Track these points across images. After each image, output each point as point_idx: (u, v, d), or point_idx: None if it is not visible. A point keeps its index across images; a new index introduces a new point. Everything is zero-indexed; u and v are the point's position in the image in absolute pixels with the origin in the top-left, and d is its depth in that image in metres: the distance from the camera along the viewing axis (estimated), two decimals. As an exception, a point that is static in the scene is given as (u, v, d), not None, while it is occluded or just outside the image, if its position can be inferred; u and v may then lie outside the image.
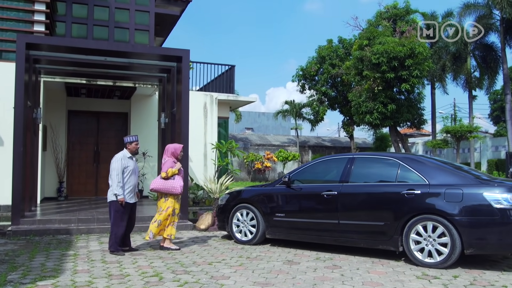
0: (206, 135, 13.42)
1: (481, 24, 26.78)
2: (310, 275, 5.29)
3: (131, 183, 6.58)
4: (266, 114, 56.55)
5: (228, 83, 14.76)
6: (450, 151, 29.34)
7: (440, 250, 5.57)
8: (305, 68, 28.32)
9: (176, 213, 6.83)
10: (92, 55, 9.36)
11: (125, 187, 6.50)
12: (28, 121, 8.95)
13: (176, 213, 6.83)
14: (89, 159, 13.53)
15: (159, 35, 16.04)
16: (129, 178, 6.55)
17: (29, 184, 9.18)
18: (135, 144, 6.71)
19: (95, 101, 13.63)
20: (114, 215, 6.49)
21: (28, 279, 5.01)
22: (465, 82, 28.69)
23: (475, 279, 5.15)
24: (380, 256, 6.27)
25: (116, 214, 6.48)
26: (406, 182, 6.05)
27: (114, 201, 6.46)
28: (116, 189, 6.41)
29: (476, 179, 5.87)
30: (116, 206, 6.47)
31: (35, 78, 9.77)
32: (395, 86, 20.13)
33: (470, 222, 5.44)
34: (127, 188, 6.53)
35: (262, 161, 27.31)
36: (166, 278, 5.12)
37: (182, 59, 9.28)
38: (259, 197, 7.31)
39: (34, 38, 9.58)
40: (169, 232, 6.77)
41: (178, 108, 9.46)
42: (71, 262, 5.90)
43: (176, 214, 6.83)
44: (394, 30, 21.84)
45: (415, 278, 5.16)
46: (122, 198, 6.42)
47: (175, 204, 6.80)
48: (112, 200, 6.48)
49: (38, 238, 7.74)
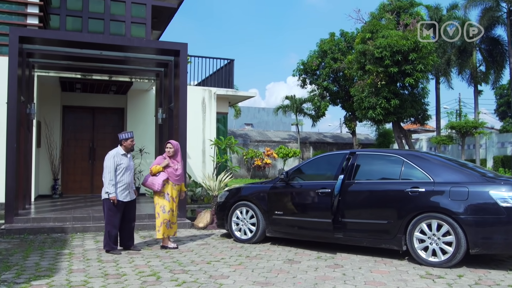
0: (205, 131, 13.41)
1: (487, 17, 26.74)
2: (311, 275, 5.30)
3: (125, 181, 6.56)
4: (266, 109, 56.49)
5: (227, 77, 14.73)
6: (455, 148, 29.35)
7: (444, 249, 5.58)
8: (306, 62, 28.27)
9: (166, 210, 6.81)
10: (87, 49, 9.34)
11: (117, 185, 6.48)
12: (22, 117, 8.94)
13: (166, 210, 6.81)
14: (84, 156, 13.53)
15: (156, 28, 15.99)
16: (122, 176, 6.53)
17: (23, 182, 9.18)
18: (131, 141, 6.69)
19: (91, 96, 13.60)
20: (108, 213, 6.50)
21: (22, 279, 5.01)
22: (471, 77, 28.67)
23: (480, 278, 5.15)
24: (383, 255, 6.27)
25: (109, 213, 6.48)
26: (410, 179, 6.05)
27: (107, 200, 6.46)
28: (107, 187, 6.41)
29: (482, 176, 5.87)
30: (109, 204, 6.47)
31: (28, 72, 9.74)
32: (399, 80, 20.08)
33: (476, 221, 5.44)
34: (120, 186, 6.51)
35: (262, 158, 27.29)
36: (163, 278, 5.12)
37: (180, 53, 9.26)
38: (259, 194, 7.31)
39: (28, 31, 9.56)
40: (163, 231, 6.78)
41: (176, 103, 9.44)
42: (66, 261, 5.90)
43: (166, 212, 6.80)
44: (398, 23, 21.78)
45: (419, 278, 5.16)
46: (113, 197, 6.41)
47: (159, 201, 6.83)
48: (105, 199, 6.49)
49: (32, 236, 7.74)
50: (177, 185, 6.97)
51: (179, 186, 7.05)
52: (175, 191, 6.94)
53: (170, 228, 6.88)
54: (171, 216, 6.86)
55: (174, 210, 6.94)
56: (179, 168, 6.98)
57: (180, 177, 7.01)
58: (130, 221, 6.77)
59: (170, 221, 6.84)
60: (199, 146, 13.20)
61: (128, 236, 6.75)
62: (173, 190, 6.91)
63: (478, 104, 29.26)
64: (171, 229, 6.90)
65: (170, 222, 6.85)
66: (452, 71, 29.06)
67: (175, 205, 6.95)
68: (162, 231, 6.76)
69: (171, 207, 6.85)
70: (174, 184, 6.92)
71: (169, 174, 6.87)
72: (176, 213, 7.01)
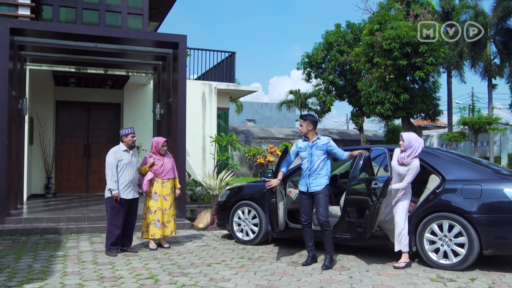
0: (205, 127, 13.41)
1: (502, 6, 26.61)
2: (317, 278, 5.30)
3: (127, 178, 6.60)
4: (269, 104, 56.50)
5: (228, 71, 14.73)
6: (467, 145, 29.27)
7: (456, 251, 5.56)
8: (311, 55, 28.19)
9: (152, 210, 6.85)
10: (82, 41, 9.34)
11: (119, 181, 6.52)
12: (13, 113, 8.96)
13: (152, 211, 6.84)
14: (79, 153, 13.55)
15: (153, 20, 15.96)
16: (123, 172, 6.57)
17: (15, 180, 9.20)
18: (131, 136, 6.74)
19: (85, 91, 13.60)
20: (110, 212, 6.54)
21: (14, 282, 5.03)
22: (484, 70, 28.54)
23: (494, 282, 5.14)
24: (392, 257, 6.26)
25: (112, 212, 6.52)
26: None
27: (110, 198, 6.51)
28: (110, 184, 6.47)
29: (496, 174, 5.85)
30: (112, 202, 6.51)
31: (20, 66, 9.75)
32: (408, 74, 20.02)
33: (489, 221, 5.42)
34: (122, 183, 6.55)
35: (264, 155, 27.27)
36: (162, 281, 5.13)
37: (179, 46, 9.25)
38: (261, 193, 7.28)
39: (19, 22, 9.55)
40: (152, 231, 6.84)
41: (175, 98, 9.44)
42: (60, 264, 5.92)
43: (153, 212, 6.84)
44: (408, 14, 21.71)
45: (429, 281, 5.16)
46: (116, 193, 6.44)
47: (146, 201, 6.95)
48: (108, 197, 6.53)
49: (25, 238, 7.77)
50: (166, 181, 6.99)
51: (171, 182, 7.08)
52: (165, 188, 6.97)
53: (166, 227, 6.91)
54: (162, 216, 6.88)
55: (167, 208, 6.95)
56: (165, 162, 7.01)
57: (168, 171, 7.02)
58: (130, 221, 6.81)
59: (160, 221, 6.86)
60: (199, 143, 13.21)
61: (127, 237, 6.78)
62: (163, 188, 6.95)
63: (492, 98, 29.16)
64: (166, 228, 6.92)
65: (161, 222, 6.87)
66: (464, 64, 28.95)
67: (167, 204, 6.97)
68: (152, 232, 6.83)
69: (159, 207, 6.88)
70: (163, 181, 6.95)
71: (155, 172, 6.94)
72: (170, 212, 7.01)
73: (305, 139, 6.08)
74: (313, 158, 5.94)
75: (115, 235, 6.51)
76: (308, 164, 5.97)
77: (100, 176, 11.00)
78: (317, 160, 5.93)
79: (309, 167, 5.94)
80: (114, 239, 6.50)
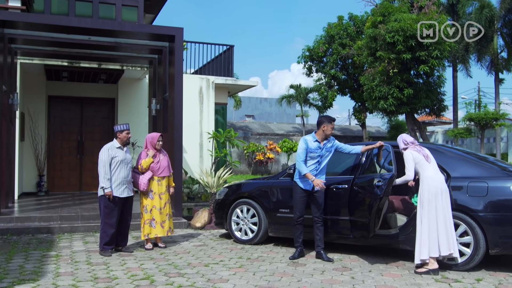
0: (202, 123, 13.41)
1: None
2: (317, 278, 5.31)
3: (120, 175, 6.59)
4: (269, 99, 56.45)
5: (226, 65, 14.71)
6: (473, 141, 29.30)
7: (462, 251, 5.57)
8: (312, 49, 28.17)
9: (148, 209, 6.87)
10: (75, 34, 9.32)
11: (112, 179, 6.52)
12: (4, 108, 8.94)
13: (148, 210, 6.87)
14: (72, 150, 13.54)
15: (149, 12, 15.91)
16: (117, 170, 6.56)
17: (5, 178, 9.19)
18: (126, 133, 6.73)
19: (79, 85, 13.59)
20: (103, 211, 6.54)
21: (5, 283, 5.03)
22: (491, 64, 28.55)
23: (501, 282, 5.15)
24: (395, 257, 6.28)
25: (106, 211, 6.52)
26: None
27: (103, 196, 6.51)
28: (102, 182, 6.46)
29: (503, 171, 5.85)
30: (105, 201, 6.51)
31: (10, 59, 9.73)
32: (413, 68, 20.01)
33: (496, 219, 5.43)
34: (115, 181, 6.54)
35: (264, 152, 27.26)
36: (158, 282, 5.13)
37: (175, 39, 9.24)
38: (261, 191, 7.31)
39: (9, 14, 9.51)
40: (146, 230, 6.87)
41: (171, 93, 9.43)
42: (53, 264, 5.92)
43: (149, 211, 6.86)
44: (412, 6, 21.67)
45: (434, 282, 5.17)
46: (109, 192, 6.44)
47: (142, 200, 6.97)
48: (101, 195, 6.54)
49: (16, 237, 7.77)
50: (162, 179, 7.00)
51: (166, 180, 7.09)
52: (161, 186, 6.98)
53: (162, 227, 6.91)
54: (158, 215, 6.89)
55: (163, 207, 6.96)
56: (161, 159, 7.03)
57: (164, 168, 7.03)
58: (125, 220, 6.81)
59: (155, 220, 6.87)
60: (196, 139, 13.20)
61: (122, 236, 6.79)
62: (159, 186, 6.96)
63: (499, 93, 29.17)
64: (162, 228, 6.92)
65: (156, 221, 6.88)
66: (470, 58, 28.96)
67: (163, 202, 6.97)
68: (146, 231, 6.86)
69: (154, 205, 6.90)
70: (159, 179, 6.96)
71: (152, 170, 6.95)
72: (167, 210, 7.02)
73: (316, 140, 6.20)
74: (322, 160, 6.25)
75: (109, 234, 6.51)
76: (316, 165, 6.21)
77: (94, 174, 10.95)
78: (325, 161, 6.26)
79: (317, 167, 6.21)
80: (108, 239, 6.51)
